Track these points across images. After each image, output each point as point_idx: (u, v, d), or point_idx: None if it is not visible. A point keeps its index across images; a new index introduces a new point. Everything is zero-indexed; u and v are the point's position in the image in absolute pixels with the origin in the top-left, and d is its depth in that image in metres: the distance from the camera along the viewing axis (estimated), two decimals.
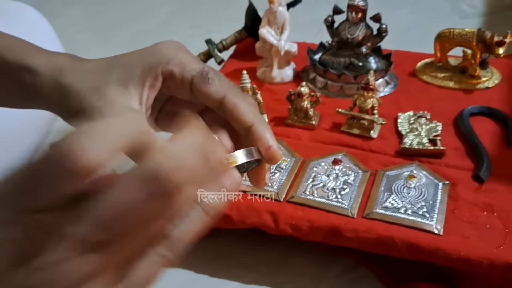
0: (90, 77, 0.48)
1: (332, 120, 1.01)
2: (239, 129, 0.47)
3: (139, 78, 0.48)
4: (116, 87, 0.47)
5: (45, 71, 0.49)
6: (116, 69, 0.48)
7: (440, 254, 0.73)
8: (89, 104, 0.47)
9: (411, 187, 0.83)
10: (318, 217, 0.80)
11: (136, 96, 0.48)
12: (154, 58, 0.49)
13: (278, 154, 0.45)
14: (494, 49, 1.02)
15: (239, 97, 0.47)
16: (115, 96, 0.47)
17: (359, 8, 1.05)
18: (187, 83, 0.48)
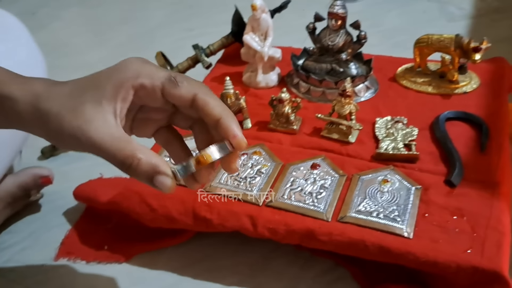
0: (66, 100, 0.52)
1: (313, 125, 1.03)
2: (209, 122, 0.53)
3: (111, 94, 0.52)
4: (91, 105, 0.52)
5: (22, 98, 0.53)
6: (90, 90, 0.53)
7: (410, 257, 0.75)
8: (69, 124, 0.51)
9: (384, 191, 0.85)
10: (295, 221, 0.83)
11: (110, 110, 0.52)
12: (123, 74, 0.53)
13: (244, 142, 0.53)
14: (471, 55, 1.04)
15: (208, 95, 0.53)
16: (92, 113, 0.51)
17: (339, 15, 1.07)
18: (158, 90, 0.53)
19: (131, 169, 0.51)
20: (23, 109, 0.53)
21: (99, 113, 0.51)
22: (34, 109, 0.53)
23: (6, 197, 0.99)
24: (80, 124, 0.51)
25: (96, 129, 0.50)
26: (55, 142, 0.55)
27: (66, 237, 0.98)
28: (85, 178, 1.03)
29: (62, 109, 0.52)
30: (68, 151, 1.22)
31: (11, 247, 0.99)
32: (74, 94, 0.53)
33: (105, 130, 0.51)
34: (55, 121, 0.52)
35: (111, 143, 0.51)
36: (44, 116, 0.52)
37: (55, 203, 1.07)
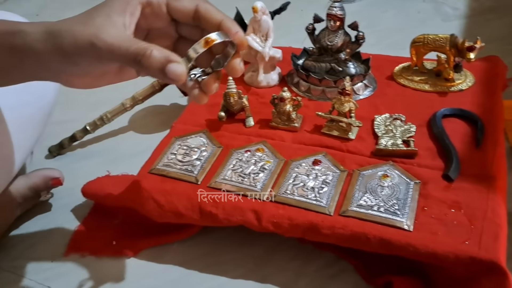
0: (76, 18, 0.56)
1: (314, 122, 1.06)
2: (211, 27, 0.57)
3: (119, 9, 0.56)
4: (101, 18, 0.55)
5: (35, 30, 0.56)
6: (98, 8, 0.57)
7: (410, 249, 0.78)
8: (82, 33, 0.54)
9: (385, 186, 0.88)
10: (298, 215, 0.85)
11: (120, 21, 0.55)
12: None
13: (245, 38, 0.56)
14: (465, 54, 1.07)
15: (208, 3, 0.58)
16: (103, 23, 0.54)
17: (337, 17, 1.10)
18: (163, 5, 0.58)
19: (143, 61, 0.53)
20: (36, 38, 0.56)
21: (109, 22, 0.55)
22: (47, 33, 0.55)
23: (17, 198, 1.01)
24: (93, 31, 0.54)
25: (108, 32, 0.54)
26: (69, 60, 0.56)
27: (75, 233, 1.01)
28: (92, 175, 1.05)
29: (74, 25, 0.55)
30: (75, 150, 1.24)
31: (21, 244, 1.01)
32: (83, 14, 0.57)
33: (117, 32, 0.54)
34: (68, 35, 0.54)
35: (123, 40, 0.54)
36: (56, 35, 0.55)
37: (63, 200, 1.09)
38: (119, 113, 1.21)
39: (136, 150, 1.21)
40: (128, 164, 1.09)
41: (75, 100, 1.22)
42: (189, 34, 0.61)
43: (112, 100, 1.22)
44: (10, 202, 1.01)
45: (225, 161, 0.97)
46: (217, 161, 0.98)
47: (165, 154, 1.00)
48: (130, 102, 1.21)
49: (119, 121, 1.26)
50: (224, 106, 1.08)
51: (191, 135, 1.05)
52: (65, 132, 1.22)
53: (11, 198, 1.01)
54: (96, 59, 0.55)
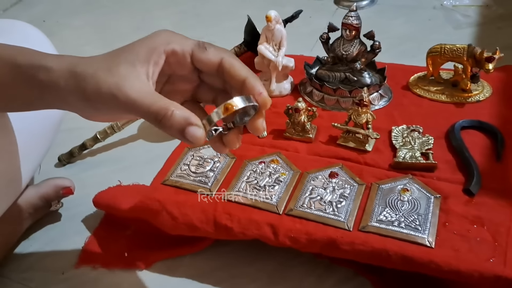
0: (102, 62, 0.55)
1: (328, 133, 1.05)
2: (235, 84, 0.56)
3: (144, 58, 0.55)
4: (126, 66, 0.54)
5: (59, 67, 0.56)
6: (123, 54, 0.56)
7: (432, 267, 0.77)
8: (105, 81, 0.53)
9: (405, 200, 0.86)
10: (316, 230, 0.84)
11: (143, 72, 0.55)
12: (155, 40, 0.57)
13: (269, 100, 0.55)
14: (484, 65, 1.05)
15: (233, 57, 0.57)
16: (127, 73, 0.54)
17: (353, 26, 1.08)
18: (187, 55, 0.57)
19: (164, 121, 0.52)
20: (60, 75, 0.55)
21: (133, 72, 0.54)
22: (71, 73, 0.55)
23: (28, 208, 1.00)
24: (117, 81, 0.53)
25: (131, 85, 0.53)
26: (90, 105, 0.56)
27: (86, 244, 0.99)
28: (102, 185, 1.03)
29: (98, 69, 0.54)
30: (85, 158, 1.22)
31: (31, 255, 1.00)
32: (108, 58, 0.56)
33: (139, 86, 0.53)
34: (92, 81, 0.54)
35: (145, 96, 0.53)
36: (80, 78, 0.54)
37: (73, 210, 1.08)
38: (129, 121, 1.19)
39: (146, 159, 1.19)
40: (139, 173, 1.08)
41: None
42: (211, 82, 0.60)
43: None
44: (21, 213, 0.99)
45: (239, 173, 0.96)
46: (230, 173, 0.97)
47: (178, 165, 0.99)
48: None
49: (129, 130, 1.24)
50: None
51: (204, 145, 1.03)
52: (75, 140, 1.20)
53: (21, 209, 0.99)
54: (117, 110, 0.55)
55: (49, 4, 2.16)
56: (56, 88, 0.56)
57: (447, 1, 1.80)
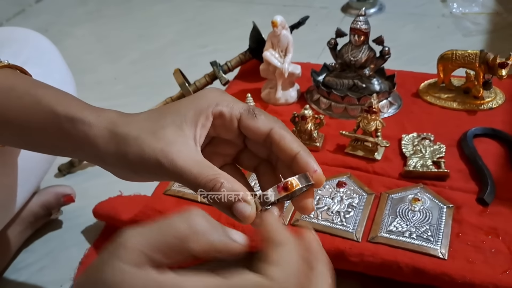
0: (146, 124, 0.51)
1: (336, 142, 1.02)
2: (285, 157, 0.51)
3: (191, 120, 0.51)
4: (172, 129, 0.51)
5: (97, 123, 0.52)
6: (169, 115, 0.52)
7: (445, 279, 0.73)
8: (150, 146, 0.50)
9: (416, 210, 0.83)
10: (323, 241, 0.79)
11: (191, 136, 0.51)
12: (203, 101, 0.53)
13: (323, 177, 0.50)
14: (496, 71, 1.02)
15: (284, 129, 0.52)
16: (174, 137, 0.50)
17: (362, 31, 1.05)
18: (235, 120, 0.52)
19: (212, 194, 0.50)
20: (98, 133, 0.52)
21: (180, 137, 0.51)
22: (111, 133, 0.51)
23: (28, 217, 0.98)
24: (162, 147, 0.50)
25: (178, 152, 0.50)
26: (130, 169, 0.52)
27: (85, 256, 0.96)
28: (103, 195, 1.00)
29: (142, 132, 0.51)
30: (85, 168, 1.20)
31: (29, 267, 0.97)
32: (153, 118, 0.52)
33: (187, 153, 0.50)
34: (135, 145, 0.50)
35: (193, 166, 0.49)
36: (121, 140, 0.51)
37: (73, 221, 1.05)
38: None
39: None
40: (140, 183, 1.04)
41: None
42: (256, 150, 0.56)
43: None
44: (22, 222, 0.97)
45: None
46: None
47: None
48: None
49: None
50: None
51: None
52: None
53: (22, 218, 0.97)
54: (160, 175, 0.51)
55: (51, 13, 2.16)
56: (93, 146, 0.52)
57: (456, 9, 1.78)
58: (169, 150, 0.49)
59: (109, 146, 0.51)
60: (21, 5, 2.19)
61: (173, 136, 0.50)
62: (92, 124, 0.52)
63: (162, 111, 0.53)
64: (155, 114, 0.53)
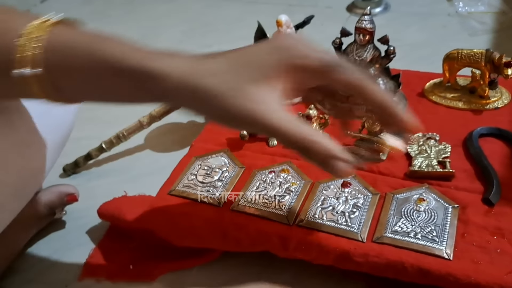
0: (228, 78, 0.52)
1: (341, 142, 1.00)
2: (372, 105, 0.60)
3: (277, 74, 0.53)
4: (259, 85, 0.52)
5: (172, 74, 0.52)
6: (251, 67, 0.52)
7: (450, 279, 0.73)
8: (239, 106, 0.51)
9: (421, 210, 0.83)
10: (328, 241, 0.80)
11: (278, 91, 0.53)
12: (285, 53, 0.54)
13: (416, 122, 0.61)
14: (502, 70, 1.02)
15: (373, 83, 0.58)
16: (262, 94, 0.52)
17: (367, 30, 1.05)
18: (323, 72, 0.55)
19: (310, 150, 0.54)
20: (175, 86, 0.51)
21: (269, 94, 0.52)
22: (189, 86, 0.51)
23: (32, 217, 0.98)
24: (253, 107, 0.51)
25: (271, 111, 0.51)
26: (217, 120, 0.54)
27: (90, 256, 0.96)
28: (108, 195, 1.00)
29: (226, 89, 0.51)
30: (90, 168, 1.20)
31: (34, 267, 0.97)
32: (234, 71, 0.52)
33: (279, 112, 0.52)
34: (219, 102, 0.51)
35: (288, 124, 0.52)
36: (202, 95, 0.51)
37: (77, 221, 1.05)
38: (136, 130, 1.16)
39: (152, 169, 1.17)
40: (145, 183, 1.05)
41: (90, 117, 1.18)
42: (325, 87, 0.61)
43: (129, 118, 1.18)
44: (25, 222, 0.97)
45: (248, 183, 0.92)
46: (239, 182, 0.94)
47: (185, 175, 0.96)
48: (147, 120, 1.16)
49: (135, 139, 1.21)
50: None
51: (211, 154, 1.00)
52: (80, 150, 1.18)
53: (26, 218, 0.96)
54: (250, 129, 0.55)
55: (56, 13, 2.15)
56: (171, 97, 0.53)
57: (462, 8, 1.77)
58: (261, 109, 0.51)
59: (188, 100, 0.52)
60: (27, 5, 2.20)
61: (262, 94, 0.51)
62: (167, 76, 0.51)
63: (242, 61, 0.53)
64: (234, 63, 0.52)
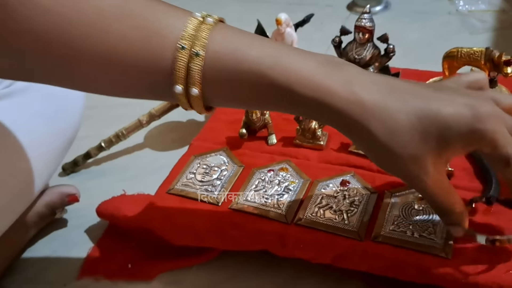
0: (406, 140, 0.54)
1: (340, 140, 1.01)
2: None
3: (454, 149, 0.56)
4: (433, 158, 0.55)
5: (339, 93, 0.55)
6: (434, 137, 0.54)
7: (449, 278, 0.72)
8: (407, 171, 0.56)
9: (419, 209, 0.82)
10: (326, 240, 0.80)
11: (445, 163, 0.58)
12: (480, 134, 0.54)
13: None
14: (502, 68, 1.01)
15: None
16: (432, 167, 0.55)
17: (366, 29, 1.04)
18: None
19: (447, 216, 0.62)
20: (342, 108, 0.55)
21: (437, 167, 0.56)
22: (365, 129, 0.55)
23: (33, 217, 0.98)
24: (419, 174, 0.55)
25: (432, 181, 0.56)
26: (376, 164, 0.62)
27: (88, 255, 0.96)
28: (107, 194, 1.00)
29: (403, 152, 0.54)
30: (89, 167, 1.20)
31: (32, 266, 0.97)
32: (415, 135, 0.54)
33: (439, 182, 0.57)
34: (393, 162, 0.56)
35: (439, 192, 0.58)
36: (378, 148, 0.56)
37: (77, 220, 1.05)
38: (135, 129, 1.16)
39: (152, 168, 1.17)
40: (144, 182, 1.05)
41: (90, 116, 1.18)
42: None
43: (128, 117, 1.18)
44: (26, 222, 0.97)
45: (247, 181, 0.92)
46: (238, 181, 0.93)
47: (184, 173, 0.96)
48: (146, 118, 1.16)
49: (135, 138, 1.22)
50: (246, 122, 1.03)
51: (211, 153, 1.00)
52: (79, 148, 1.18)
53: (27, 218, 0.97)
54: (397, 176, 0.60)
55: None
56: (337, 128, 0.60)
57: (463, 6, 1.77)
58: (425, 178, 0.56)
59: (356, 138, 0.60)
60: None
61: (432, 167, 0.56)
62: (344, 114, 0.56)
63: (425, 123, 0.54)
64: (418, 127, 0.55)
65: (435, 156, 0.55)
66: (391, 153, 0.55)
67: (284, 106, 0.59)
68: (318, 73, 0.55)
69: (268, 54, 0.56)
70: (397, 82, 0.58)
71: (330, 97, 0.54)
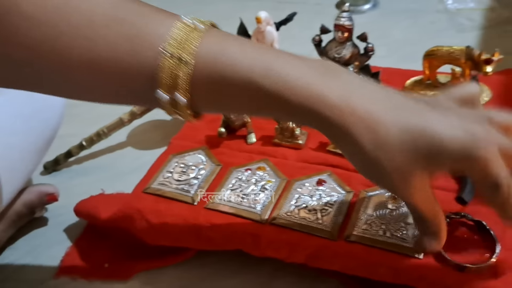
0: (396, 155, 0.54)
1: (319, 139, 1.00)
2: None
3: (442, 169, 0.58)
4: (420, 172, 0.55)
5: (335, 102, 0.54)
6: (425, 155, 0.54)
7: (421, 279, 0.72)
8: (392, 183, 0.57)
9: (393, 209, 0.82)
10: (299, 240, 0.80)
11: (431, 176, 0.58)
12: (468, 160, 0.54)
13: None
14: (482, 67, 1.01)
15: None
16: (418, 181, 0.56)
17: (345, 27, 1.04)
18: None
19: (430, 229, 0.63)
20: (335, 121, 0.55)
21: (423, 180, 0.56)
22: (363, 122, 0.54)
23: (11, 216, 0.97)
24: (405, 188, 0.56)
25: (418, 196, 0.57)
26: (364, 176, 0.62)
27: (66, 254, 0.96)
28: (88, 193, 1.00)
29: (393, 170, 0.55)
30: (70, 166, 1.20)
31: (10, 265, 0.97)
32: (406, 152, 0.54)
33: (423, 193, 0.58)
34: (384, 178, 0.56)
35: (422, 203, 0.59)
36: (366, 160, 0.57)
37: (56, 219, 1.05)
38: (116, 128, 1.16)
39: (134, 167, 1.16)
40: (126, 181, 1.04)
41: (72, 114, 1.17)
42: None
43: (112, 115, 1.18)
44: (5, 221, 0.97)
45: (224, 180, 0.92)
46: (215, 180, 0.93)
47: (161, 172, 0.95)
48: (128, 117, 1.16)
49: (118, 137, 1.21)
50: (225, 121, 1.03)
51: (189, 152, 1.00)
52: (61, 147, 1.17)
53: (5, 217, 0.97)
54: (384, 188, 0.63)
55: None
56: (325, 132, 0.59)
57: (451, 5, 1.76)
58: (411, 193, 0.57)
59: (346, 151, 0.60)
60: None
61: (419, 185, 0.57)
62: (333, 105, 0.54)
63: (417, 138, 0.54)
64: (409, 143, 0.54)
65: (422, 171, 0.54)
66: (378, 166, 0.55)
67: (276, 114, 0.60)
68: (313, 82, 0.54)
69: (260, 62, 0.55)
70: (395, 96, 0.56)
71: (323, 106, 0.53)
